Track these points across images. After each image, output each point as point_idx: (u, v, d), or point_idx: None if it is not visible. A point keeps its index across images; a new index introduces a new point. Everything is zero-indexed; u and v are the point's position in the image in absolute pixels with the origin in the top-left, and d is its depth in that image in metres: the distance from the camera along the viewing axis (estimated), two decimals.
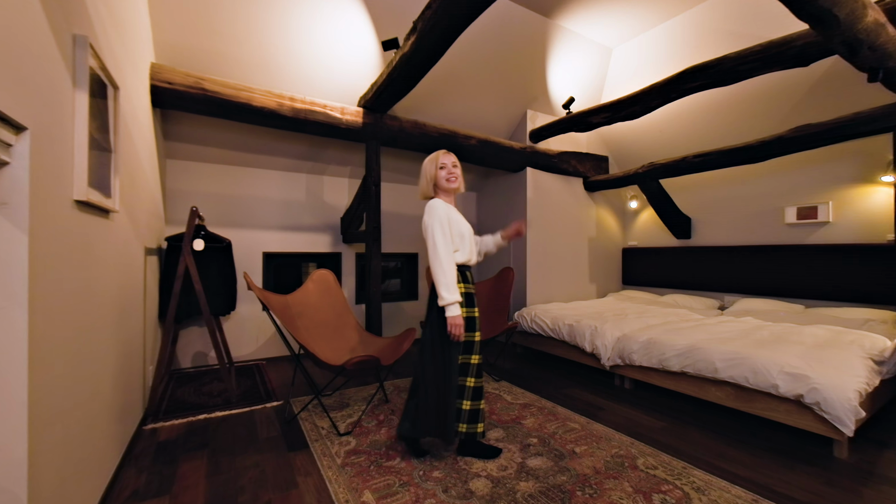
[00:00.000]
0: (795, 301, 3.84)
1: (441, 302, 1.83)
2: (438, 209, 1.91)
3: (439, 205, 1.92)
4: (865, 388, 2.07)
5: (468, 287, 1.97)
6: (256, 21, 2.99)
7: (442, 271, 1.84)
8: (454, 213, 1.99)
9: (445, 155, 1.99)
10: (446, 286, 1.83)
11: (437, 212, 1.90)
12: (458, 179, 1.99)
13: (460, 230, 1.97)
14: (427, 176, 1.99)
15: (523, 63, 4.10)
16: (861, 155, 3.49)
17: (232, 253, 3.53)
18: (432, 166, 1.98)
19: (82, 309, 1.45)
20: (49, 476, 1.17)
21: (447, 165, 1.98)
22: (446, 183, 1.97)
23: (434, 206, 1.92)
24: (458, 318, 1.83)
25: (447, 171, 1.97)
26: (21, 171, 1.05)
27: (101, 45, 1.64)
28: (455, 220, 1.96)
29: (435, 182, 1.98)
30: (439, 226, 1.88)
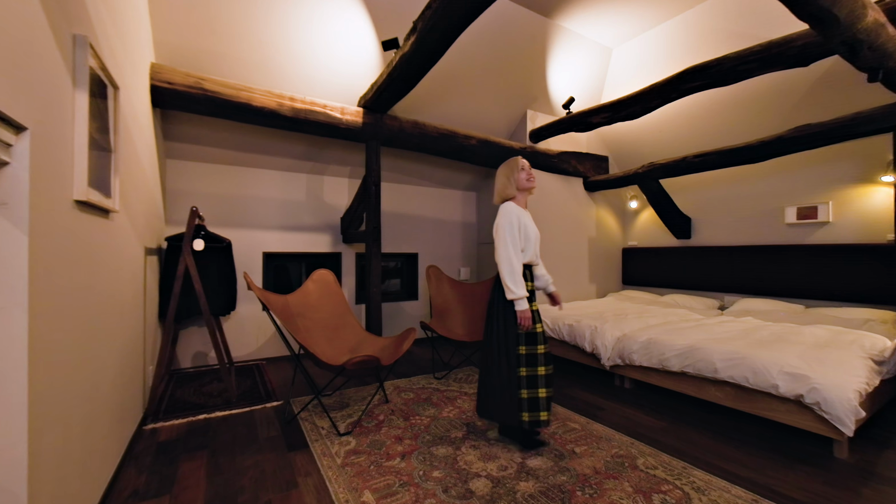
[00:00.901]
0: (795, 301, 3.84)
1: (510, 296, 2.00)
2: (511, 212, 2.08)
3: (512, 208, 2.09)
4: (865, 388, 2.07)
5: (529, 284, 2.13)
6: (256, 21, 2.99)
7: (510, 269, 2.01)
8: (525, 216, 2.14)
9: (522, 160, 2.19)
10: (515, 282, 1.99)
11: (509, 214, 2.07)
12: (534, 180, 2.19)
13: (527, 233, 2.10)
14: (509, 179, 2.16)
15: (523, 63, 4.10)
16: (861, 155, 3.49)
17: (232, 253, 3.53)
18: (514, 170, 2.16)
19: (82, 309, 1.45)
20: (49, 476, 1.17)
21: (525, 168, 2.16)
22: (527, 183, 2.15)
23: (507, 209, 2.09)
24: (527, 312, 2.00)
25: (526, 174, 2.15)
26: (21, 171, 1.05)
27: (101, 45, 1.64)
28: (525, 223, 2.11)
29: (516, 184, 2.15)
30: (509, 227, 2.04)
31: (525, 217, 2.13)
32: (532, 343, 2.05)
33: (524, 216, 2.13)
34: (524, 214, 2.13)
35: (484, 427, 2.40)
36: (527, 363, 2.05)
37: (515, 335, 2.06)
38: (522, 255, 2.07)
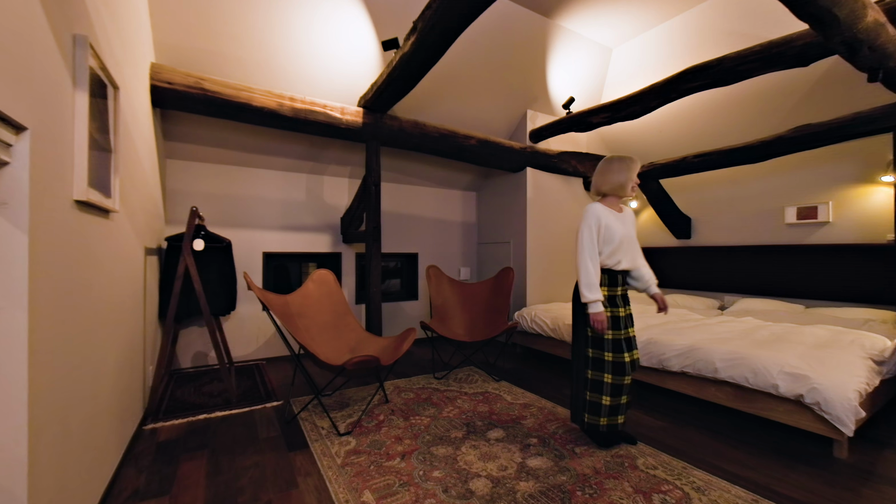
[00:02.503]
0: (795, 301, 3.84)
1: (583, 299, 2.01)
2: (591, 214, 2.06)
3: (595, 210, 2.06)
4: (865, 388, 2.07)
5: (612, 290, 2.10)
6: (256, 21, 2.99)
7: (585, 272, 2.01)
8: (612, 218, 2.08)
9: (639, 166, 2.13)
10: (587, 286, 2.00)
11: (589, 216, 2.06)
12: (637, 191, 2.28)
13: (611, 235, 2.05)
14: (617, 179, 2.08)
15: (523, 63, 4.09)
16: (861, 155, 3.48)
17: (232, 253, 3.53)
18: (627, 173, 2.08)
19: (82, 309, 1.45)
20: (49, 476, 1.17)
21: (636, 180, 2.13)
22: (631, 192, 2.12)
23: (590, 210, 2.06)
24: (599, 315, 1.98)
25: (634, 183, 2.10)
26: (21, 171, 1.05)
27: (101, 45, 1.64)
28: (609, 226, 2.06)
29: (621, 187, 2.09)
30: (588, 229, 2.04)
31: (611, 218, 2.07)
32: (599, 347, 2.05)
33: (610, 217, 2.07)
34: (610, 215, 2.08)
35: (484, 427, 2.40)
36: (593, 366, 2.06)
37: (585, 337, 2.09)
38: (609, 259, 2.06)
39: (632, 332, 2.10)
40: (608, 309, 2.06)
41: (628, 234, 2.10)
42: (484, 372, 3.53)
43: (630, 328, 2.09)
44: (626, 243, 2.09)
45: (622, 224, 2.10)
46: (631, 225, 2.15)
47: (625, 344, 2.05)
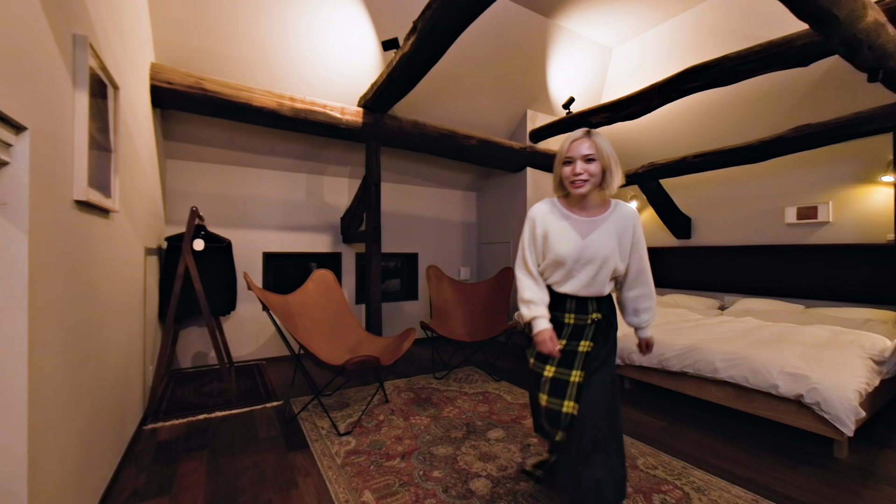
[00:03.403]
0: (795, 301, 3.84)
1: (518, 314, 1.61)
2: (528, 217, 1.52)
3: (534, 212, 1.50)
4: (865, 388, 2.07)
5: (555, 315, 1.50)
6: (256, 21, 2.99)
7: (518, 284, 1.52)
8: (561, 225, 1.44)
9: (578, 143, 1.38)
10: (520, 300, 1.50)
11: (527, 219, 1.52)
12: (588, 183, 1.38)
13: (551, 248, 1.43)
14: (555, 170, 1.48)
15: (523, 63, 4.09)
16: (861, 155, 3.48)
17: (232, 253, 3.53)
18: (559, 158, 1.44)
19: (82, 309, 1.45)
20: (49, 476, 1.17)
21: (575, 159, 1.37)
22: (571, 187, 1.41)
23: (530, 213, 1.52)
24: (540, 334, 1.42)
25: (571, 170, 1.39)
26: (21, 171, 1.05)
27: (101, 45, 1.64)
28: (549, 236, 1.44)
29: (561, 178, 1.44)
30: (525, 235, 1.53)
31: (557, 224, 1.44)
32: (541, 360, 1.51)
33: (556, 223, 1.45)
34: (558, 220, 1.45)
35: (484, 427, 2.40)
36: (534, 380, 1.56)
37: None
38: (548, 277, 1.49)
39: (575, 377, 1.43)
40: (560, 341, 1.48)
41: (593, 251, 1.40)
42: (484, 372, 3.53)
43: (575, 371, 1.44)
44: (587, 263, 1.40)
45: (581, 233, 1.41)
46: (609, 236, 1.41)
47: (549, 384, 1.45)
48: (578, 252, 1.40)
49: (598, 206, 1.46)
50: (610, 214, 1.45)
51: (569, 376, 1.44)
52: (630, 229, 1.44)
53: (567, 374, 1.44)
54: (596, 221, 1.43)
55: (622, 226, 1.43)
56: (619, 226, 1.43)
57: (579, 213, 1.46)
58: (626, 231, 1.44)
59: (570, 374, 1.44)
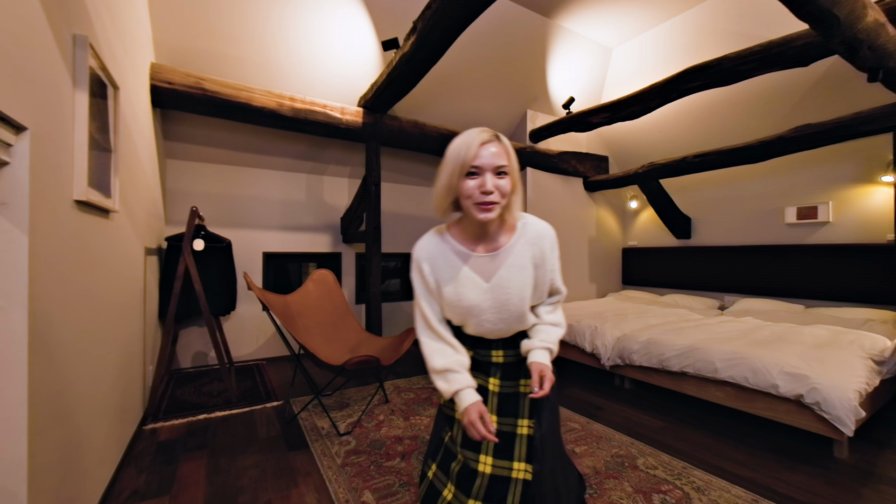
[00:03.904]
0: (795, 301, 3.84)
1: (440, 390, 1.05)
2: (414, 263, 1.06)
3: (420, 254, 1.05)
4: (865, 388, 2.07)
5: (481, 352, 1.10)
6: (256, 21, 2.99)
7: (425, 352, 1.05)
8: (457, 268, 1.04)
9: (487, 147, 0.95)
10: (431, 370, 1.04)
11: (413, 265, 1.07)
12: (498, 206, 0.96)
13: (457, 306, 1.03)
14: (443, 181, 0.98)
15: (523, 63, 4.09)
16: (861, 155, 3.48)
17: (232, 253, 3.53)
18: (456, 165, 0.95)
19: (82, 309, 1.45)
20: (49, 476, 1.17)
21: (484, 171, 0.94)
22: (475, 210, 0.96)
23: (415, 255, 1.06)
24: (468, 413, 0.97)
25: (479, 186, 0.94)
26: (21, 171, 1.05)
27: (101, 45, 1.64)
28: (450, 287, 1.03)
29: (459, 196, 0.98)
30: (415, 284, 1.07)
31: (450, 269, 1.04)
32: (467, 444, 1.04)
33: (448, 267, 1.04)
34: (449, 261, 1.04)
35: None
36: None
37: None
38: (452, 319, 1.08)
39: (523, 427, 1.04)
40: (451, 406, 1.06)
41: (503, 296, 1.03)
42: None
43: (522, 420, 1.05)
44: (499, 309, 1.04)
45: (484, 275, 1.03)
46: (522, 270, 1.04)
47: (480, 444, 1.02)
48: (484, 300, 1.03)
49: (501, 233, 1.05)
50: (518, 240, 1.05)
51: (515, 427, 1.04)
52: (546, 251, 1.07)
53: (512, 425, 1.05)
54: (501, 254, 1.04)
55: (536, 252, 1.05)
56: (533, 253, 1.05)
57: (478, 247, 1.05)
58: (543, 255, 1.06)
59: (517, 423, 1.05)
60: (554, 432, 1.08)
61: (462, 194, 0.97)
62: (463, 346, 1.08)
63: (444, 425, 1.11)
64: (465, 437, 1.02)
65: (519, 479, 0.98)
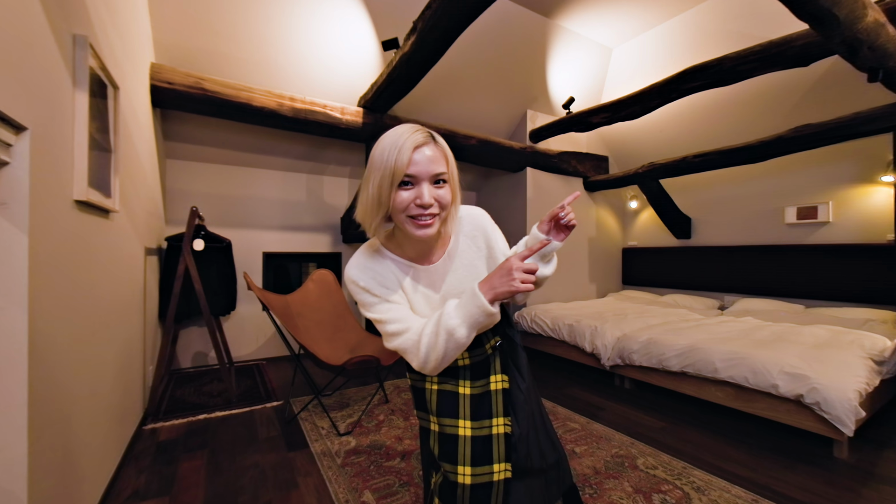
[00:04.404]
0: (795, 301, 3.84)
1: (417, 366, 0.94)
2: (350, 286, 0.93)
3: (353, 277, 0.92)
4: (865, 388, 2.07)
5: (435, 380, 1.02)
6: (256, 21, 2.99)
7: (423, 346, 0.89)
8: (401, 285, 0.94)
9: (421, 151, 0.82)
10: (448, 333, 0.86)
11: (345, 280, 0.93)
12: (437, 220, 0.86)
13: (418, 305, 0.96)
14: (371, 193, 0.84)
15: (523, 63, 4.09)
16: (861, 155, 3.48)
17: (232, 253, 3.53)
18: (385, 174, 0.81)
19: (82, 309, 1.45)
20: (49, 476, 1.17)
21: (420, 180, 0.82)
22: (411, 226, 0.85)
23: (347, 279, 0.93)
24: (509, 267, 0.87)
25: (413, 199, 0.83)
26: (21, 171, 1.05)
27: (101, 45, 1.64)
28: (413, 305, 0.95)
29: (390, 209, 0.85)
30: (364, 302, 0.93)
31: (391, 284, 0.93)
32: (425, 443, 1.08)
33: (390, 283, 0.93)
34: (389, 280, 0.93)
35: None
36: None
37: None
38: None
39: (498, 426, 0.98)
40: (438, 379, 1.01)
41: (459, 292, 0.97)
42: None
43: (497, 418, 0.99)
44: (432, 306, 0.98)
45: (433, 285, 0.97)
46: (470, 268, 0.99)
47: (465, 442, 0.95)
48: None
49: (440, 241, 0.97)
50: (457, 239, 0.98)
51: (490, 428, 0.98)
52: (490, 237, 1.01)
53: (488, 427, 0.97)
54: (445, 261, 0.97)
55: (481, 244, 1.00)
56: (478, 246, 1.00)
57: (419, 259, 0.96)
58: (488, 242, 1.01)
59: (491, 423, 0.98)
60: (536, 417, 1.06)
61: (394, 208, 0.82)
62: None
63: (428, 437, 1.04)
64: (441, 450, 0.97)
65: (500, 480, 0.93)
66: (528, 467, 0.99)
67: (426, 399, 1.02)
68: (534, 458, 1.01)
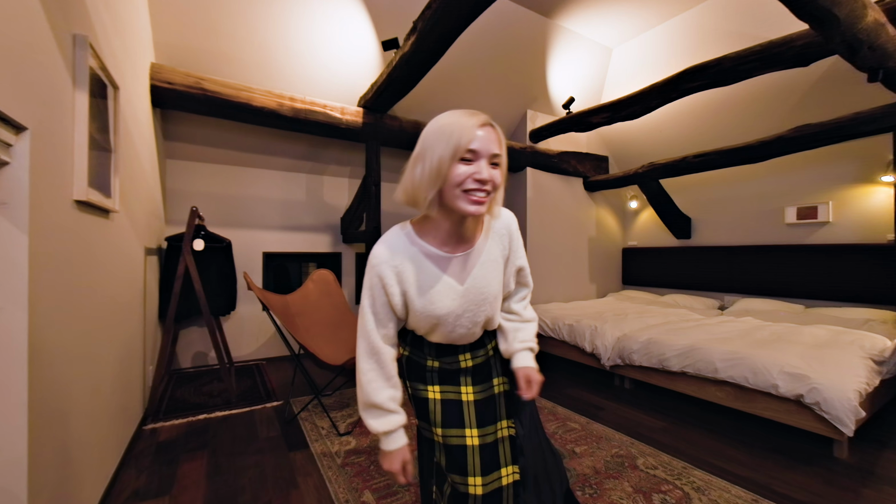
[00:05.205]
0: (795, 301, 3.84)
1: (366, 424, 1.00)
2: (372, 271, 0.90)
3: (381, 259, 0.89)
4: (865, 388, 2.07)
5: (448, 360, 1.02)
6: (256, 21, 2.99)
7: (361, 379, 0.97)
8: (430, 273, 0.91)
9: (485, 132, 0.83)
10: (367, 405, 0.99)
11: (370, 272, 0.91)
12: (490, 197, 0.85)
13: (429, 314, 0.92)
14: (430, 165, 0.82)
15: (523, 63, 4.09)
16: (861, 155, 3.48)
17: (232, 253, 3.53)
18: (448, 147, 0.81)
19: (82, 309, 1.45)
20: (49, 476, 1.17)
21: (481, 156, 0.82)
22: (463, 201, 0.83)
23: (374, 261, 0.90)
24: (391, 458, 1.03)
25: (474, 174, 0.82)
26: (21, 171, 1.05)
27: (101, 45, 1.64)
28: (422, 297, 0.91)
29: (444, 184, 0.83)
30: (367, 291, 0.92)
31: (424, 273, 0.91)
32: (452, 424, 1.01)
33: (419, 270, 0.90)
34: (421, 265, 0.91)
35: None
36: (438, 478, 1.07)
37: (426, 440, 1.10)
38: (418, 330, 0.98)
39: (503, 430, 0.98)
40: (440, 388, 1.02)
41: (478, 297, 0.94)
42: None
43: (501, 422, 0.99)
44: (474, 311, 0.95)
45: (458, 277, 0.93)
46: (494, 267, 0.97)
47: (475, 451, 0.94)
48: (459, 305, 0.92)
49: (475, 230, 0.95)
50: (487, 234, 0.96)
51: (496, 433, 0.97)
52: (514, 240, 1.00)
53: (494, 432, 0.96)
54: (474, 253, 0.94)
55: (505, 243, 0.98)
56: (503, 245, 0.98)
57: (450, 247, 0.92)
58: (511, 244, 1.00)
59: (496, 428, 0.97)
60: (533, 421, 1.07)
61: (451, 182, 0.82)
62: (427, 356, 1.02)
63: (430, 447, 1.05)
64: (449, 462, 0.96)
65: (509, 483, 0.93)
66: (534, 467, 1.00)
67: (429, 410, 1.00)
68: (538, 457, 1.02)
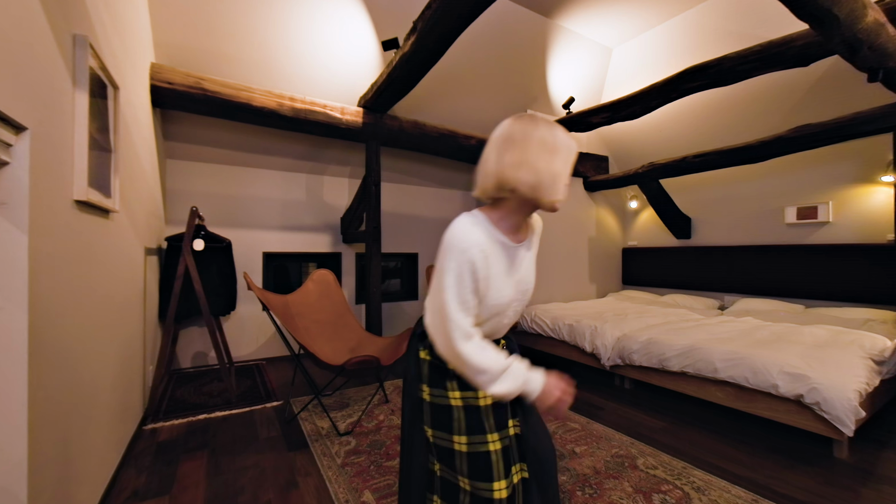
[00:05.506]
0: (795, 301, 3.84)
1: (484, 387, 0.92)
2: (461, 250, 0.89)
3: (472, 242, 0.90)
4: (865, 388, 2.07)
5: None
6: (256, 21, 2.99)
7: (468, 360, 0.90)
8: (503, 257, 0.97)
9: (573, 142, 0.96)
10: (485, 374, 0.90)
11: (459, 253, 0.89)
12: None
13: (497, 302, 0.96)
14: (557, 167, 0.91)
15: (523, 63, 4.09)
16: (861, 155, 3.48)
17: (232, 253, 3.53)
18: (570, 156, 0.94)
19: (82, 309, 1.45)
20: (49, 476, 1.17)
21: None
22: (557, 197, 0.93)
23: (459, 239, 0.90)
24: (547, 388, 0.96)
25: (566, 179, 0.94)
26: (21, 171, 1.05)
27: (101, 45, 1.64)
28: (497, 281, 0.95)
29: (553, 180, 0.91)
30: (453, 277, 0.89)
31: (501, 257, 0.96)
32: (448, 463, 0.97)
33: (499, 255, 0.95)
34: (499, 250, 0.95)
35: None
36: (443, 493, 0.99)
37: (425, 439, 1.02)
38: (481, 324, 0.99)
39: (510, 429, 1.00)
40: (461, 394, 0.98)
41: (527, 287, 1.04)
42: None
43: (510, 420, 1.01)
44: (520, 298, 1.03)
45: (516, 266, 1.00)
46: (533, 261, 1.07)
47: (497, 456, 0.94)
48: (514, 295, 1.00)
49: (528, 225, 1.07)
50: (532, 230, 1.08)
51: (508, 434, 0.98)
52: (538, 238, 1.12)
53: (506, 434, 0.98)
54: (524, 246, 1.03)
55: (535, 240, 1.10)
56: (536, 241, 1.11)
57: (513, 237, 0.99)
58: (536, 244, 1.11)
59: (508, 427, 0.99)
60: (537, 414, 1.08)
61: (561, 183, 0.94)
62: None
63: (426, 453, 1.00)
64: (474, 470, 0.93)
65: (518, 480, 0.97)
66: (538, 461, 1.01)
67: (453, 419, 0.97)
68: (539, 451, 1.03)
